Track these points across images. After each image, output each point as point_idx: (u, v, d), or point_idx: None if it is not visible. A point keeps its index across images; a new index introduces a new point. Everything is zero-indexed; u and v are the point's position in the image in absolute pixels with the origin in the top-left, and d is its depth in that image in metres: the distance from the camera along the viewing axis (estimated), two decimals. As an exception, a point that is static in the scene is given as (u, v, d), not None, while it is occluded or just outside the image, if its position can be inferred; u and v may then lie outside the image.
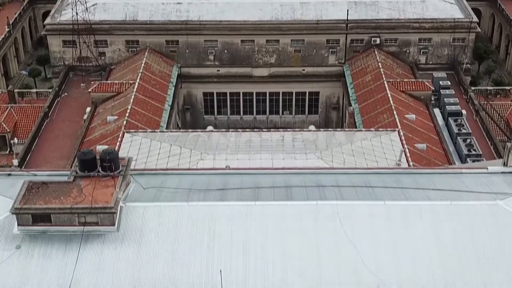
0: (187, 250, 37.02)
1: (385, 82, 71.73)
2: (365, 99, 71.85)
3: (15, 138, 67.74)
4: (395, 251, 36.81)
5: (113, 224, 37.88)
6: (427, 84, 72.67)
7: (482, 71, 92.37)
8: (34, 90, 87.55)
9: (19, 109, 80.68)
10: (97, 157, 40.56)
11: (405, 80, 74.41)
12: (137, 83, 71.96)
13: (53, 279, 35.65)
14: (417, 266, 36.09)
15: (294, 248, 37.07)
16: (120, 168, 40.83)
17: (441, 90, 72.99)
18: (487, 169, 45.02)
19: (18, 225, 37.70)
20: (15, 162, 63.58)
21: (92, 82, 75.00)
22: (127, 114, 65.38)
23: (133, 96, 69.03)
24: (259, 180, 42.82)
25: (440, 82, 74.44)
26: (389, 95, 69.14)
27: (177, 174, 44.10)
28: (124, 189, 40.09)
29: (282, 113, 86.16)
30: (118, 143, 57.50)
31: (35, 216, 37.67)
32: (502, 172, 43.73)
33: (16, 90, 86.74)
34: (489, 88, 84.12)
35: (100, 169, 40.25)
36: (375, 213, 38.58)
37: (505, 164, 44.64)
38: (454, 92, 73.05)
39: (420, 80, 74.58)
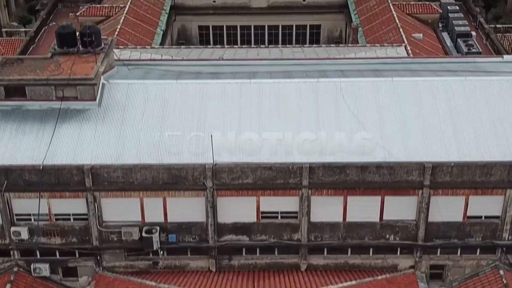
0: (175, 126, 33.52)
1: (390, 4, 67.83)
2: (369, 22, 67.91)
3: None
4: (404, 124, 33.35)
5: (94, 99, 34.39)
6: (435, 7, 69.07)
7: (490, 18, 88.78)
8: (23, 29, 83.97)
9: (6, 42, 77.03)
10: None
11: (412, 2, 70.88)
12: (127, 7, 68.04)
13: (27, 153, 32.24)
14: (429, 138, 32.66)
15: (293, 124, 33.55)
16: (102, 46, 37.46)
17: (449, 14, 69.24)
18: (503, 57, 41.70)
19: (-10, 99, 34.36)
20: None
21: (81, 7, 71.35)
22: (116, 33, 61.58)
23: (123, 18, 65.15)
24: (256, 68, 39.29)
25: (448, 7, 70.71)
26: (395, 15, 65.26)
27: (166, 64, 40.71)
28: (107, 69, 36.60)
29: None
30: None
31: (8, 89, 34.14)
32: (518, 61, 40.36)
33: (4, 30, 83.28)
34: (498, 25, 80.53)
35: (80, 46, 36.93)
36: (381, 89, 35.05)
37: (521, 54, 41.31)
38: (462, 15, 69.42)
39: (427, 3, 71.02)
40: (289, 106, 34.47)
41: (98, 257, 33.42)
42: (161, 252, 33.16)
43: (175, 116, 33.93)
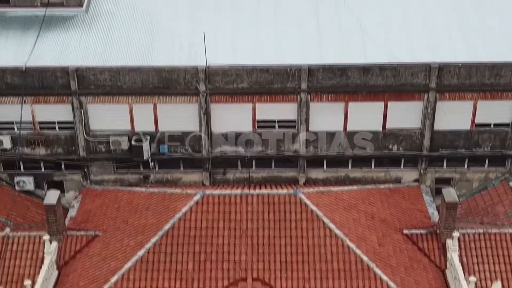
0: (166, 32, 31.55)
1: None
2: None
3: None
4: (408, 27, 31.54)
5: (81, 5, 32.60)
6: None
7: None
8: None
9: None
10: None
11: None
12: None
13: (9, 56, 30.37)
14: (435, 40, 30.82)
15: (291, 27, 31.63)
16: (90, -45, 35.63)
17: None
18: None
19: (-29, 7, 32.45)
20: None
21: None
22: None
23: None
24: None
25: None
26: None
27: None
28: (96, -21, 34.84)
29: None
30: None
31: (-11, -3, 32.47)
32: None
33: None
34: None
35: (67, -45, 35.15)
36: (384, -7, 33.34)
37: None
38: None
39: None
40: (287, 9, 32.54)
41: (86, 170, 31.72)
42: (152, 164, 31.47)
43: (166, 23, 32.03)
